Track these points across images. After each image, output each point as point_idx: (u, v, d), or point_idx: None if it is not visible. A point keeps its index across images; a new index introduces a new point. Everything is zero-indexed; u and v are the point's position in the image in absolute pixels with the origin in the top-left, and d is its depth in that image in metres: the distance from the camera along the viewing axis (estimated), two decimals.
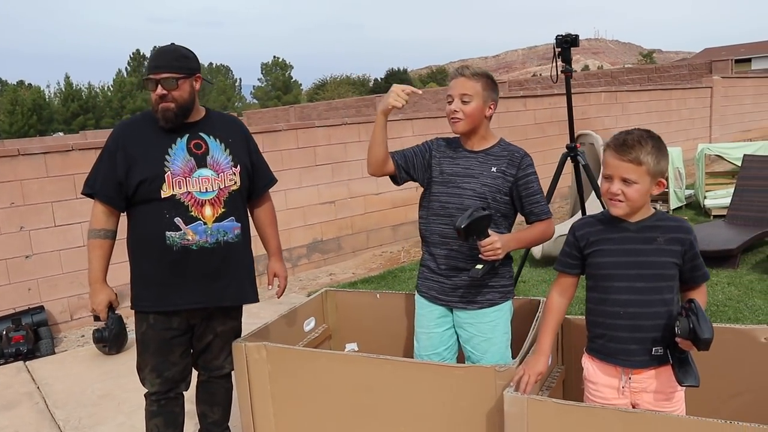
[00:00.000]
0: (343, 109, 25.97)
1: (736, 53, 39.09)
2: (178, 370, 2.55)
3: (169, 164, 2.36)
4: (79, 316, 5.27)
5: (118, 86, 63.24)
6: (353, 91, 62.66)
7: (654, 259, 1.93)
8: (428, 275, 2.53)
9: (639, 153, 1.87)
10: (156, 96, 2.33)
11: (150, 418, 2.60)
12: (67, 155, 5.13)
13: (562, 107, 9.38)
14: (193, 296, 2.43)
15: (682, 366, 1.87)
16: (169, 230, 2.36)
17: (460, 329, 2.48)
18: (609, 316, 1.99)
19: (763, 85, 14.93)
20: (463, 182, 2.42)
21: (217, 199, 2.42)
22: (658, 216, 1.99)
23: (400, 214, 7.52)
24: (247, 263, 2.58)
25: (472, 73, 2.39)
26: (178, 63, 2.37)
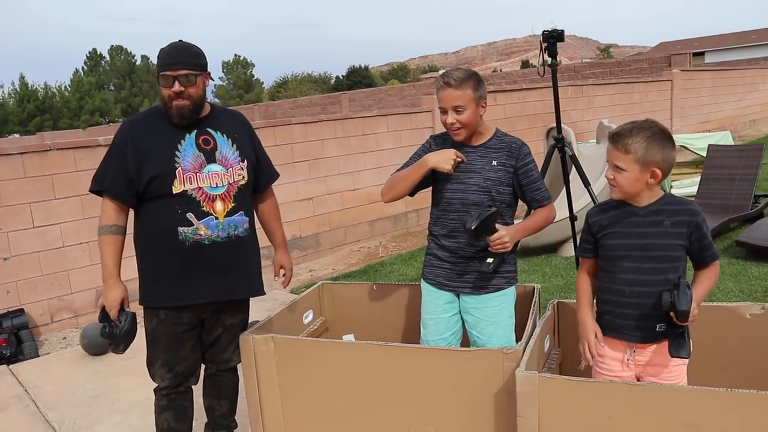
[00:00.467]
0: (309, 106, 25.91)
1: (691, 47, 40.23)
2: (188, 364, 2.57)
3: (180, 160, 2.38)
4: (59, 318, 5.21)
5: (75, 86, 61.68)
6: (315, 89, 62.38)
7: (660, 242, 2.05)
8: (435, 263, 2.60)
9: (627, 142, 2.00)
10: (171, 92, 2.34)
11: (160, 413, 2.62)
12: (45, 155, 5.05)
13: (531, 101, 9.63)
14: (205, 291, 2.45)
15: (676, 339, 2.01)
16: (181, 225, 2.37)
17: (466, 314, 2.56)
18: (616, 294, 2.11)
19: (719, 78, 15.42)
20: (466, 178, 2.48)
21: (227, 194, 2.44)
22: (666, 200, 2.09)
23: (377, 209, 7.59)
24: (255, 256, 2.62)
25: (458, 81, 2.39)
26: (194, 60, 2.39)
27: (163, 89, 2.36)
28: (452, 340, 2.62)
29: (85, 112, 58.51)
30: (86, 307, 5.32)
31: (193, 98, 2.37)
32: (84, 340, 4.40)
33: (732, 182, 6.53)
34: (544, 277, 5.33)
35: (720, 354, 2.51)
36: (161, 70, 2.36)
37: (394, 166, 8.30)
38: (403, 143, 7.69)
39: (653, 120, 2.09)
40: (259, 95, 66.96)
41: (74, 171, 5.19)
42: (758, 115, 17.47)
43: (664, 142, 2.02)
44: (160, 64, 2.37)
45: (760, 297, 4.36)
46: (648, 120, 2.08)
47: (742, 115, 16.51)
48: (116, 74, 71.27)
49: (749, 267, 5.04)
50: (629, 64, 16.95)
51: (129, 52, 73.35)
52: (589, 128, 10.35)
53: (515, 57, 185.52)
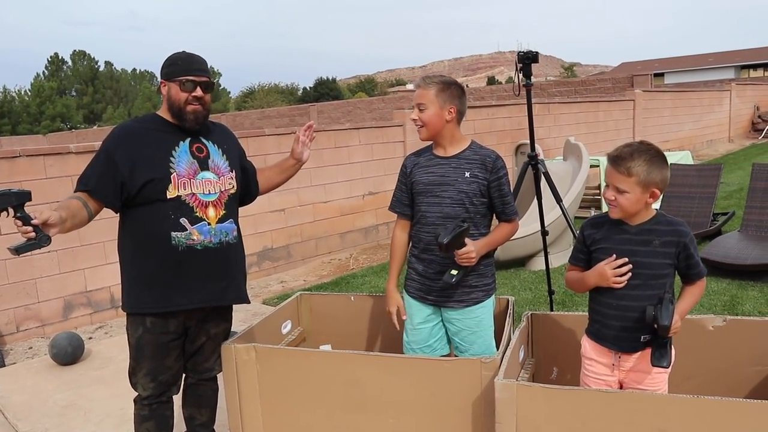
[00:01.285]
0: (277, 117, 25.87)
1: (651, 68, 41.41)
2: (172, 373, 2.57)
3: (175, 165, 2.41)
4: (25, 328, 5.12)
5: (36, 91, 60.38)
6: (282, 100, 62.30)
7: (649, 260, 2.16)
8: (416, 277, 2.67)
9: (629, 165, 2.09)
10: (191, 96, 2.40)
11: (141, 423, 2.61)
12: (14, 162, 4.99)
13: (500, 118, 9.84)
14: (195, 296, 2.46)
15: (658, 349, 2.13)
16: (174, 230, 2.39)
17: (448, 324, 2.64)
18: (605, 306, 2.23)
19: (679, 99, 15.94)
20: (440, 190, 2.56)
21: (219, 201, 2.50)
22: (657, 219, 2.20)
23: (348, 221, 7.64)
24: (243, 265, 2.66)
25: (426, 82, 2.55)
26: (208, 69, 2.49)
27: (182, 93, 2.40)
28: (438, 346, 2.69)
29: (45, 118, 57.29)
30: (54, 316, 5.24)
31: (206, 105, 2.46)
32: (53, 350, 4.34)
33: (692, 200, 6.79)
34: (513, 290, 5.44)
35: (685, 364, 2.63)
36: (184, 75, 2.40)
37: (365, 179, 8.36)
38: (374, 156, 7.78)
39: (648, 142, 2.20)
40: (226, 105, 66.47)
41: (44, 178, 5.13)
42: (715, 135, 18.09)
43: (662, 164, 2.12)
44: (181, 70, 2.41)
45: (719, 311, 4.55)
46: (644, 142, 2.17)
47: (700, 135, 17.08)
48: (78, 80, 70.07)
49: (709, 282, 5.22)
50: (593, 83, 17.40)
51: (92, 58, 72.24)
52: (556, 145, 10.61)
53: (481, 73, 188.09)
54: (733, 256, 5.37)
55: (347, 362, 2.46)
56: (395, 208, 2.72)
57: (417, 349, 2.68)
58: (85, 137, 31.85)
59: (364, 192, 7.76)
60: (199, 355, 2.66)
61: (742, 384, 2.62)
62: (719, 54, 54.06)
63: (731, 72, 46.70)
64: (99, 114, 66.39)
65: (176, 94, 2.41)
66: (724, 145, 18.07)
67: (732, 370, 2.63)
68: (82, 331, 5.12)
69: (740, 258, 5.31)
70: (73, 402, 3.74)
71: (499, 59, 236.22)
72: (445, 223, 2.48)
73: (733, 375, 2.63)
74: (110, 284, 5.52)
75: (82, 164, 5.17)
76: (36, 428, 3.43)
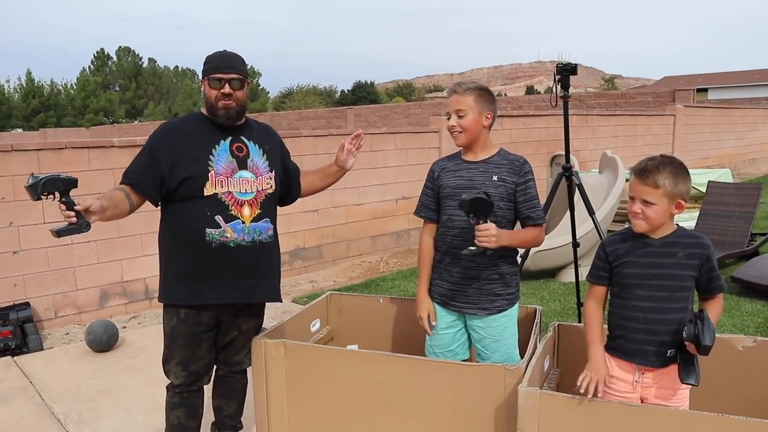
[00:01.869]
0: (314, 119, 26.13)
1: (695, 83, 40.65)
2: (203, 363, 2.65)
3: (213, 164, 2.48)
4: (63, 314, 5.28)
5: (81, 85, 61.94)
6: (320, 102, 62.80)
7: (674, 272, 2.16)
8: (440, 283, 2.70)
9: (656, 177, 2.11)
10: (220, 93, 2.47)
11: (171, 410, 2.69)
12: (60, 153, 5.16)
13: (536, 128, 9.80)
14: (226, 292, 2.54)
15: (686, 366, 2.11)
16: (209, 227, 2.46)
17: (471, 331, 2.66)
18: (629, 320, 2.22)
19: (721, 115, 15.64)
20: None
21: (255, 200, 2.55)
22: (679, 232, 2.22)
23: (380, 225, 7.69)
24: (277, 264, 2.73)
25: (464, 88, 2.57)
26: (242, 66, 2.54)
27: (212, 90, 2.48)
28: (459, 350, 2.71)
29: (89, 111, 58.73)
30: (90, 304, 5.40)
31: (239, 101, 2.51)
32: (89, 336, 4.48)
33: (730, 219, 6.66)
34: (542, 300, 5.43)
35: (712, 383, 2.61)
36: (213, 72, 2.48)
37: (399, 184, 8.41)
38: (409, 161, 7.82)
39: (671, 155, 2.22)
40: (264, 105, 67.31)
41: (87, 170, 5.29)
42: (758, 154, 17.68)
43: (686, 176, 2.15)
44: (211, 68, 2.49)
45: (752, 332, 4.47)
46: (666, 155, 2.20)
47: (741, 153, 16.72)
48: (122, 75, 71.68)
49: (743, 303, 5.15)
50: (633, 96, 17.17)
51: (136, 54, 73.85)
52: (592, 158, 10.51)
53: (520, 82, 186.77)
54: None
55: (373, 362, 2.50)
56: (421, 212, 2.75)
57: (439, 353, 2.70)
58: (127, 131, 32.58)
59: (397, 196, 7.81)
60: (230, 348, 2.74)
61: None
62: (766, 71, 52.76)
63: None
64: (140, 109, 67.80)
65: (208, 92, 2.50)
66: (766, 164, 17.65)
67: (760, 392, 2.60)
68: (116, 320, 5.27)
69: None
70: (105, 388, 3.86)
71: (539, 69, 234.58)
72: (471, 227, 2.50)
73: (761, 397, 2.59)
74: (145, 276, 5.66)
75: (123, 158, 5.37)
76: (70, 411, 3.55)
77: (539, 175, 9.51)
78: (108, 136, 32.28)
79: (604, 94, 19.07)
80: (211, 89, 2.48)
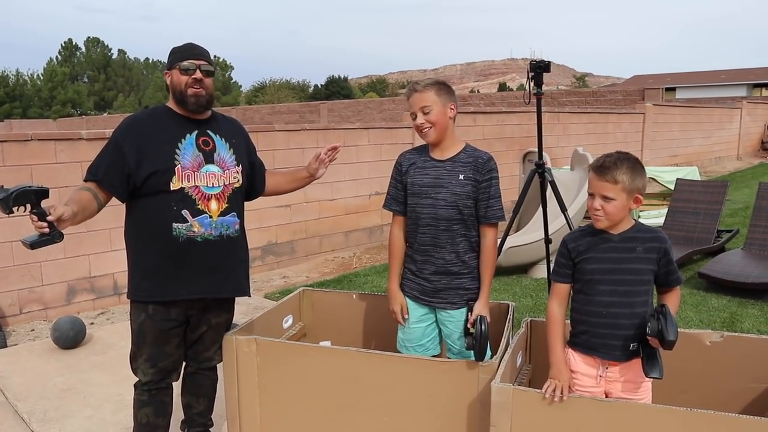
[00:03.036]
0: (287, 113, 25.95)
1: (663, 82, 41.37)
2: (172, 360, 2.61)
3: (179, 158, 2.45)
4: (28, 310, 5.16)
5: (48, 76, 60.68)
6: (293, 96, 62.40)
7: (634, 266, 2.21)
8: (411, 278, 2.70)
9: (615, 173, 2.16)
10: (191, 80, 2.45)
11: (140, 408, 2.65)
12: (26, 145, 5.03)
13: (509, 125, 9.86)
14: (194, 287, 2.50)
15: (650, 360, 2.15)
16: (176, 222, 2.43)
17: (442, 325, 2.67)
18: (593, 315, 2.25)
19: (689, 114, 15.93)
20: (434, 192, 2.58)
21: (222, 194, 2.52)
22: (638, 227, 2.27)
23: (353, 220, 7.67)
24: (244, 258, 2.69)
25: (424, 85, 2.58)
26: (210, 58, 2.55)
27: (182, 77, 2.46)
28: (430, 346, 2.71)
29: (56, 103, 57.58)
30: (57, 300, 5.29)
31: (208, 90, 2.50)
32: (55, 333, 4.38)
33: (697, 216, 6.79)
34: (514, 296, 5.46)
35: (681, 377, 2.65)
36: (184, 58, 2.46)
37: (372, 179, 8.38)
38: (382, 157, 7.81)
39: (626, 151, 2.27)
40: (237, 98, 66.66)
41: (54, 163, 5.17)
42: (724, 152, 18.07)
43: (642, 171, 2.21)
44: (181, 56, 2.48)
45: (719, 327, 4.56)
46: (622, 152, 2.26)
47: (708, 152, 17.06)
48: (91, 66, 70.37)
49: (709, 298, 5.25)
50: (604, 94, 17.40)
51: (105, 45, 72.58)
52: (564, 155, 10.62)
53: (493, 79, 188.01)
54: (735, 274, 5.38)
55: (346, 359, 2.49)
56: (391, 205, 2.74)
57: (410, 348, 2.70)
58: (95, 124, 32.01)
59: (370, 192, 7.79)
60: (200, 344, 2.70)
61: (736, 400, 2.64)
62: (732, 71, 53.93)
63: (743, 90, 46.55)
64: (110, 101, 66.67)
65: (177, 79, 2.47)
66: (732, 162, 18.04)
67: (727, 385, 2.64)
68: (84, 316, 5.17)
69: (742, 276, 5.32)
70: (72, 386, 3.78)
71: (512, 66, 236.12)
72: (439, 225, 2.54)
73: (728, 390, 2.64)
74: (114, 271, 5.56)
75: (92, 151, 5.25)
76: (35, 410, 3.47)
77: (512, 172, 9.58)
78: (76, 128, 31.66)
79: (575, 92, 19.29)
80: (182, 76, 2.46)
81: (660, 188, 9.00)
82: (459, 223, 2.56)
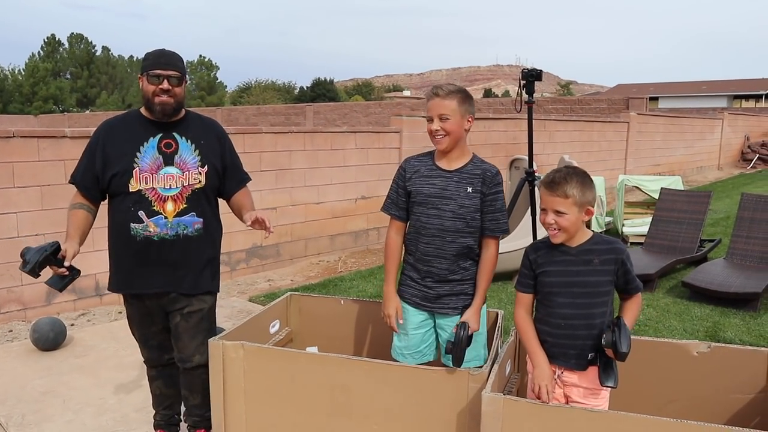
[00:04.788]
0: (273, 115, 25.85)
1: (646, 91, 41.81)
2: (160, 339, 2.81)
3: (139, 161, 2.57)
4: (6, 310, 5.06)
5: (30, 71, 59.86)
6: (279, 98, 62.15)
7: (591, 279, 2.27)
8: (411, 284, 2.67)
9: (565, 188, 2.23)
10: (158, 89, 2.54)
11: (152, 381, 2.94)
12: (8, 142, 4.93)
13: (496, 131, 9.89)
14: (154, 282, 2.65)
15: (606, 369, 2.20)
16: (133, 222, 2.58)
17: (441, 330, 2.65)
18: (553, 326, 2.31)
19: (672, 124, 16.09)
20: (442, 203, 2.55)
21: (180, 195, 2.61)
22: (595, 239, 2.31)
23: (339, 224, 7.64)
24: (207, 257, 2.73)
25: (447, 92, 2.53)
26: (181, 64, 2.63)
27: (150, 86, 2.55)
28: (426, 351, 2.69)
29: (38, 99, 56.85)
30: (37, 300, 5.19)
31: (177, 97, 2.58)
32: (35, 334, 4.30)
33: (680, 225, 6.84)
34: (500, 303, 5.46)
35: (667, 387, 2.66)
36: (152, 68, 2.55)
37: (358, 183, 8.34)
38: (369, 161, 7.79)
39: (573, 165, 2.34)
40: (222, 98, 66.30)
41: (36, 160, 5.08)
42: (705, 162, 18.28)
43: (591, 184, 2.28)
44: (149, 64, 2.57)
45: (702, 336, 4.59)
46: (570, 166, 2.32)
47: (690, 161, 17.25)
48: (74, 63, 69.56)
49: (692, 307, 5.29)
50: (589, 102, 17.54)
51: (89, 42, 71.76)
52: (549, 162, 10.67)
53: (478, 84, 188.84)
54: (718, 283, 5.42)
55: (334, 366, 2.46)
56: (390, 210, 2.70)
57: (407, 354, 2.67)
58: (78, 121, 31.64)
59: (356, 196, 7.77)
60: (177, 339, 2.75)
61: (722, 410, 2.65)
62: (713, 82, 54.68)
63: (724, 101, 47.20)
64: (93, 99, 65.97)
65: (146, 87, 2.57)
66: (713, 172, 18.26)
67: (713, 396, 2.66)
68: (64, 317, 5.08)
69: (724, 285, 5.37)
70: (52, 389, 3.70)
71: (497, 72, 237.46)
72: (445, 236, 2.52)
73: (714, 401, 2.66)
74: (96, 272, 5.48)
75: (75, 149, 5.19)
76: (13, 413, 3.40)
77: None
78: (58, 124, 31.28)
79: (561, 100, 19.42)
80: (149, 84, 2.55)
81: (644, 197, 9.06)
82: (465, 235, 2.54)
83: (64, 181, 5.18)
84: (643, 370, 2.70)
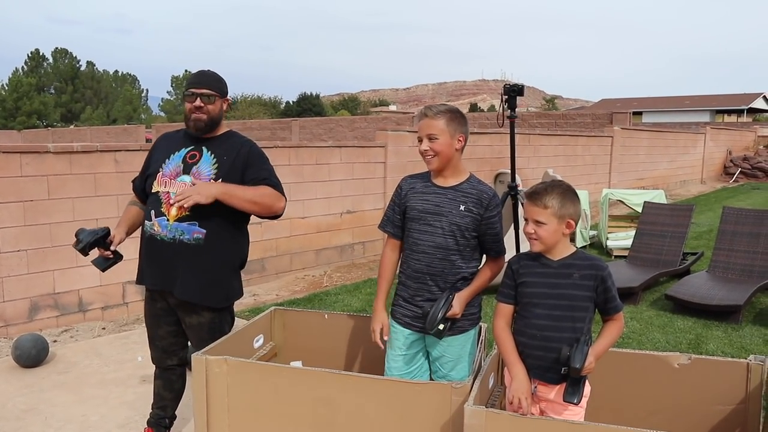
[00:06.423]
0: (258, 129, 25.84)
1: (630, 106, 42.28)
2: (166, 343, 2.93)
3: (165, 166, 2.80)
4: None
5: (13, 86, 59.47)
6: (265, 112, 62.15)
7: (570, 292, 2.29)
8: (402, 303, 2.68)
9: (545, 199, 2.28)
10: (192, 106, 2.74)
11: (154, 379, 3.06)
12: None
13: (481, 146, 9.96)
14: (156, 278, 2.82)
15: (573, 385, 2.23)
16: (147, 220, 2.81)
17: (431, 348, 2.66)
18: (529, 337, 2.34)
19: (655, 138, 16.29)
20: (434, 220, 2.57)
21: None
22: (578, 255, 2.35)
23: (324, 238, 7.64)
24: (204, 268, 2.73)
25: (435, 112, 2.55)
26: (217, 84, 2.81)
27: (186, 103, 2.78)
28: (417, 373, 2.69)
29: (21, 114, 56.45)
30: (19, 316, 5.14)
31: (209, 114, 2.76)
32: (16, 351, 4.26)
33: (664, 238, 6.92)
34: (485, 317, 5.45)
35: (649, 399, 2.68)
36: (188, 87, 2.79)
37: (344, 197, 8.35)
38: (354, 175, 7.81)
39: (559, 179, 2.36)
40: None
41: (18, 176, 5.04)
42: (689, 176, 18.49)
43: (573, 197, 2.31)
44: (187, 83, 2.82)
45: (685, 348, 4.63)
46: (556, 180, 2.38)
47: (673, 175, 17.44)
48: (58, 77, 69.21)
49: (676, 320, 5.34)
50: (574, 117, 17.72)
51: (74, 57, 71.49)
52: (534, 176, 10.75)
53: (464, 99, 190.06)
54: (700, 296, 5.48)
55: (318, 380, 2.46)
56: (386, 227, 2.73)
57: (398, 376, 2.66)
58: (62, 136, 31.45)
59: (342, 210, 7.78)
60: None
61: (703, 422, 2.67)
62: (696, 97, 55.43)
63: (707, 116, 47.84)
64: (77, 114, 65.59)
65: (185, 105, 2.81)
66: (696, 186, 18.47)
67: (694, 407, 2.68)
68: (47, 334, 5.02)
69: (707, 298, 5.42)
70: (33, 406, 3.66)
71: (483, 87, 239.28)
72: (436, 254, 2.55)
73: (695, 412, 2.68)
74: (79, 287, 5.43)
75: (59, 164, 5.16)
76: None
77: None
78: (42, 140, 31.04)
79: (545, 114, 19.60)
80: (185, 102, 2.78)
81: (628, 210, 9.16)
82: (455, 253, 2.55)
83: (47, 197, 5.15)
84: (624, 382, 2.73)
